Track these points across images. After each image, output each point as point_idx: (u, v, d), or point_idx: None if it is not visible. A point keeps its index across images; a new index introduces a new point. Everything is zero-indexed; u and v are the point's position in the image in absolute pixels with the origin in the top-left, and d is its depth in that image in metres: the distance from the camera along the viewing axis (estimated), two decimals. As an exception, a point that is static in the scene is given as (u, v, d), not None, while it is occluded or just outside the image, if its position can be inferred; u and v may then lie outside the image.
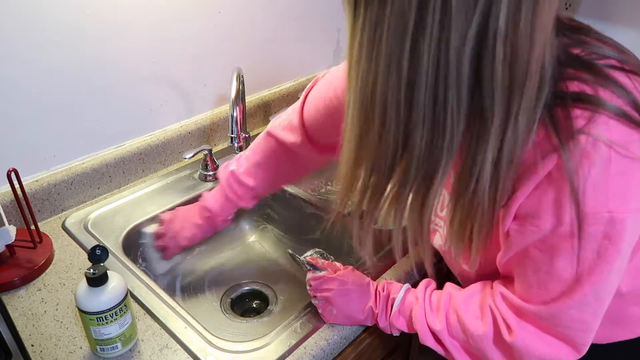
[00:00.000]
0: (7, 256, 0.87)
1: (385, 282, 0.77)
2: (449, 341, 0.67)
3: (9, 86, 0.88)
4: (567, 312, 0.58)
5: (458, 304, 0.68)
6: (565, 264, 0.56)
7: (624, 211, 0.52)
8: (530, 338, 0.61)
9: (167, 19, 1.04)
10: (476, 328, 0.64)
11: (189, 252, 1.10)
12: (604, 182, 0.52)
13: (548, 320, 0.60)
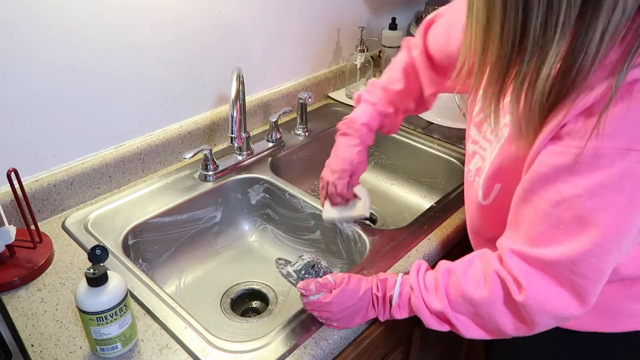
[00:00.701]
0: (7, 256, 0.87)
1: (378, 280, 0.75)
2: (454, 317, 0.67)
3: (9, 86, 0.88)
4: (588, 259, 0.56)
5: (457, 277, 0.67)
6: (593, 200, 0.54)
7: None
8: (541, 294, 0.60)
9: (167, 19, 1.04)
10: (480, 295, 0.64)
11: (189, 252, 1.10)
12: None
13: (564, 268, 0.58)
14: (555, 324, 0.63)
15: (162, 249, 1.06)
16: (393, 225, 1.24)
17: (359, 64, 1.43)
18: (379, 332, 0.88)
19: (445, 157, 1.26)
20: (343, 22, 1.46)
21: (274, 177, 1.15)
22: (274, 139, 1.25)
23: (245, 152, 1.19)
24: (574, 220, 0.56)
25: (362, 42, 1.40)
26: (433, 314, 0.69)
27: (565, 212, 0.57)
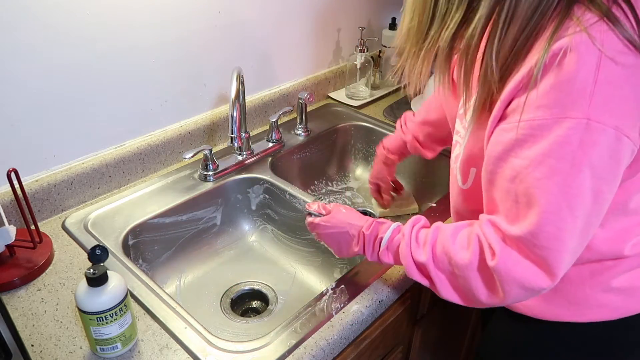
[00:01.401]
0: (7, 256, 0.87)
1: (374, 221, 0.79)
2: (435, 272, 0.70)
3: (9, 86, 0.88)
4: (544, 229, 0.58)
5: (445, 237, 0.70)
6: (539, 170, 0.57)
7: (604, 123, 0.54)
8: (510, 262, 0.62)
9: (167, 19, 1.04)
10: (462, 258, 0.66)
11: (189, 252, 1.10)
12: (589, 87, 0.53)
13: (528, 241, 0.60)
14: (525, 296, 0.64)
15: (162, 249, 1.06)
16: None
17: (359, 64, 1.43)
18: (379, 332, 0.88)
19: (445, 157, 1.27)
20: (343, 22, 1.46)
21: (274, 177, 1.15)
22: (274, 139, 1.25)
23: (245, 152, 1.19)
24: (526, 192, 0.59)
25: (362, 42, 1.40)
26: (416, 265, 0.72)
27: (519, 186, 0.59)
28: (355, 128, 1.39)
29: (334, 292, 0.84)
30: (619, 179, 0.58)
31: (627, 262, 0.68)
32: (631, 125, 0.54)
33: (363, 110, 1.45)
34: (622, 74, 0.53)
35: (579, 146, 0.54)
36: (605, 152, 0.55)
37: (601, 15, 0.54)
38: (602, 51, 0.53)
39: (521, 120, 0.57)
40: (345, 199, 1.34)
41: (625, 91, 0.54)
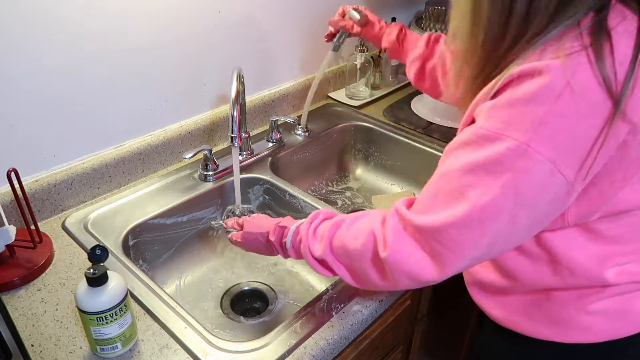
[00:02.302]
0: (7, 256, 0.87)
1: (277, 226, 0.82)
2: (335, 264, 0.73)
3: (9, 86, 0.88)
4: (448, 230, 0.59)
5: (343, 229, 0.72)
6: (467, 177, 0.57)
7: (542, 154, 0.52)
8: (401, 253, 0.63)
9: (167, 19, 1.04)
10: (354, 248, 0.69)
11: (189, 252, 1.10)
12: (541, 114, 0.52)
13: (427, 234, 0.61)
14: (413, 285, 0.66)
15: (162, 249, 1.06)
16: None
17: (359, 64, 1.43)
18: (379, 332, 0.88)
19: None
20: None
21: (274, 177, 1.15)
22: (274, 139, 1.25)
23: (245, 152, 1.19)
24: (448, 193, 0.59)
25: (362, 42, 1.40)
26: (315, 259, 0.75)
27: (444, 185, 0.60)
28: (355, 128, 1.39)
29: (334, 292, 0.84)
30: (540, 211, 0.57)
31: (614, 288, 0.66)
32: (572, 164, 0.53)
33: (363, 110, 1.45)
34: (581, 111, 0.51)
35: (510, 168, 0.54)
36: (535, 183, 0.54)
37: (584, 47, 0.52)
38: (569, 82, 0.51)
39: (474, 126, 0.57)
40: (345, 199, 1.34)
41: (580, 129, 0.52)
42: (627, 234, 0.64)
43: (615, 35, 0.52)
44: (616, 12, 0.53)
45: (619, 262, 0.65)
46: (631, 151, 0.54)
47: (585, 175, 0.55)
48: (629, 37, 0.53)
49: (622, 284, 0.66)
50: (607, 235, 0.63)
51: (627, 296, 0.67)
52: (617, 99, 0.51)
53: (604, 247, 0.64)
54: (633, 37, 0.53)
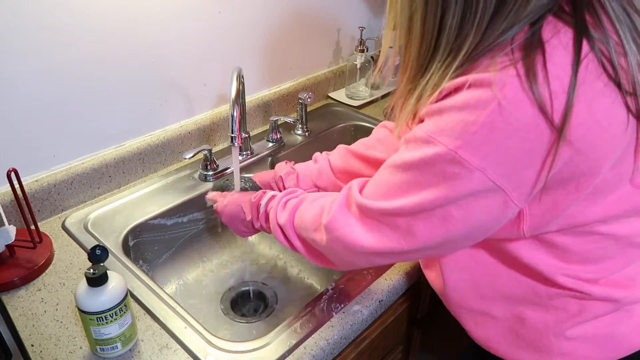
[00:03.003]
0: (7, 256, 0.87)
1: (261, 191, 0.85)
2: (292, 234, 0.75)
3: (8, 86, 0.88)
4: (382, 217, 0.62)
5: (305, 204, 0.75)
6: (405, 173, 0.59)
7: (470, 162, 0.53)
8: (340, 222, 0.65)
9: (167, 18, 1.04)
10: (308, 219, 0.72)
11: (189, 252, 1.10)
12: (471, 126, 0.52)
13: (364, 212, 0.64)
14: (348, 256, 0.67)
15: (162, 249, 1.06)
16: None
17: (359, 64, 1.43)
18: (379, 332, 0.88)
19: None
20: (343, 22, 1.46)
21: (274, 177, 1.15)
22: (273, 139, 1.25)
23: (245, 152, 1.19)
24: (389, 184, 0.61)
25: (362, 42, 1.40)
26: (279, 226, 0.77)
27: (388, 176, 0.62)
28: (355, 128, 1.39)
29: (334, 292, 0.84)
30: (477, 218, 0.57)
31: (592, 309, 0.66)
32: (504, 174, 0.53)
33: (363, 110, 1.45)
34: (510, 125, 0.51)
35: (441, 172, 0.55)
36: (464, 186, 0.54)
37: (514, 62, 0.51)
38: (497, 97, 0.50)
39: (419, 126, 0.58)
40: (345, 199, 1.34)
41: (510, 142, 0.51)
42: (596, 250, 0.62)
43: (549, 48, 0.52)
44: (550, 26, 0.53)
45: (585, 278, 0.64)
46: (580, 165, 0.53)
47: (530, 188, 0.54)
48: (563, 49, 0.52)
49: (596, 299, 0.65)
50: (574, 250, 0.62)
51: (606, 318, 0.66)
52: (560, 124, 0.50)
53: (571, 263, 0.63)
54: (569, 48, 0.52)
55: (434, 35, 0.57)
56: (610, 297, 0.65)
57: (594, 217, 0.59)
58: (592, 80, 0.52)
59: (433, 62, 0.58)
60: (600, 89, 0.52)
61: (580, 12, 0.53)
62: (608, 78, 0.52)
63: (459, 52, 0.55)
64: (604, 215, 0.59)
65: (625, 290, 0.66)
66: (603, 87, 0.52)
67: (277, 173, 1.00)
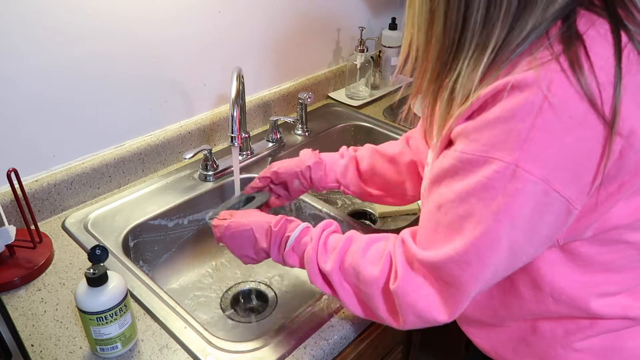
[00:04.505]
0: (7, 256, 0.87)
1: (284, 218, 0.76)
2: (339, 283, 0.67)
3: (8, 86, 0.88)
4: (448, 265, 0.56)
5: (357, 248, 0.67)
6: (462, 207, 0.54)
7: (532, 173, 0.49)
8: (411, 287, 0.60)
9: (167, 19, 1.04)
10: (370, 273, 0.64)
11: (189, 252, 1.10)
12: (524, 131, 0.49)
13: (432, 271, 0.59)
14: (421, 325, 0.62)
15: (162, 249, 1.06)
16: (393, 225, 1.25)
17: (359, 64, 1.43)
18: (379, 332, 0.88)
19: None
20: (343, 22, 1.46)
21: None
22: (273, 139, 1.25)
23: (245, 152, 1.19)
24: (447, 225, 0.56)
25: (362, 42, 1.40)
26: (321, 272, 0.69)
27: (442, 217, 0.57)
28: (355, 128, 1.39)
29: (334, 292, 0.84)
30: (541, 233, 0.54)
31: (604, 324, 0.64)
32: (567, 181, 0.50)
33: (363, 110, 1.45)
34: (565, 124, 0.48)
35: (502, 192, 0.51)
36: (528, 204, 0.51)
37: (556, 55, 0.49)
38: (546, 95, 0.48)
39: (456, 150, 0.54)
40: (345, 199, 1.34)
41: (567, 143, 0.49)
42: (619, 261, 0.60)
43: (588, 39, 0.50)
44: (584, 19, 0.51)
45: (607, 291, 0.62)
46: (629, 162, 0.52)
47: (588, 191, 0.52)
48: (603, 40, 0.50)
49: (613, 318, 0.63)
50: (597, 261, 0.60)
51: (617, 333, 0.64)
52: (610, 117, 0.48)
53: (592, 274, 0.61)
54: (608, 39, 0.50)
55: (458, 31, 0.53)
56: (626, 316, 0.63)
57: (625, 220, 0.57)
58: (635, 71, 0.50)
59: (458, 59, 0.55)
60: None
61: (612, 4, 0.52)
62: None
63: (486, 48, 0.52)
64: (634, 218, 0.57)
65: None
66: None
67: (304, 162, 0.91)
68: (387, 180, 0.90)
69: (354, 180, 0.92)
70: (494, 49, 0.52)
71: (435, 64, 0.57)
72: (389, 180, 0.90)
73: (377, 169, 0.90)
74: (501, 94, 0.50)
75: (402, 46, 0.63)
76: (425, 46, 0.58)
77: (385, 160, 0.90)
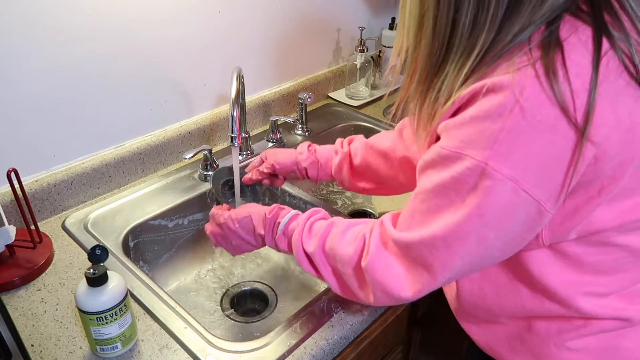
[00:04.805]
0: (7, 256, 0.87)
1: (277, 207, 0.80)
2: (322, 264, 0.72)
3: (9, 86, 0.88)
4: (418, 247, 0.59)
5: (337, 231, 0.71)
6: (439, 198, 0.57)
7: (502, 172, 0.51)
8: (379, 264, 0.64)
9: (167, 18, 1.04)
10: (345, 252, 0.68)
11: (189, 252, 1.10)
12: (496, 132, 0.50)
13: (402, 249, 0.62)
14: (387, 300, 0.66)
15: (163, 249, 1.06)
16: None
17: (359, 64, 1.43)
18: (379, 332, 0.88)
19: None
20: (343, 22, 1.46)
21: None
22: (273, 139, 1.25)
23: (245, 152, 1.19)
24: (423, 212, 0.59)
25: (362, 42, 1.40)
26: (305, 254, 0.74)
27: (420, 205, 0.60)
28: (355, 128, 1.39)
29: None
30: (512, 232, 0.55)
31: (597, 324, 0.64)
32: (536, 182, 0.51)
33: (363, 110, 1.45)
34: (535, 128, 0.49)
35: (472, 188, 0.53)
36: (497, 202, 0.52)
37: (532, 61, 0.50)
38: (518, 99, 0.49)
39: (438, 145, 0.56)
40: (345, 199, 1.34)
41: (537, 146, 0.50)
42: (608, 262, 0.61)
43: (567, 45, 0.50)
44: (568, 25, 0.52)
45: (597, 291, 0.63)
46: (605, 167, 0.52)
47: (559, 193, 0.53)
48: (582, 47, 0.50)
49: (605, 318, 0.64)
50: (586, 261, 0.61)
51: (611, 334, 0.65)
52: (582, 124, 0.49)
53: (582, 274, 0.62)
54: (588, 46, 0.50)
55: (447, 34, 0.55)
56: (619, 317, 0.64)
57: (610, 223, 0.57)
58: (613, 78, 0.50)
59: (446, 62, 0.56)
60: (622, 88, 0.50)
61: (598, 10, 0.52)
62: (630, 77, 0.51)
63: (472, 52, 0.54)
64: (620, 222, 0.57)
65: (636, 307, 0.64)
66: (625, 86, 0.51)
67: (300, 162, 0.97)
68: (379, 174, 0.93)
69: (347, 176, 0.96)
70: (479, 52, 0.54)
71: (425, 65, 0.59)
72: (382, 175, 0.93)
73: (370, 163, 0.93)
74: (478, 95, 0.52)
75: (394, 47, 0.65)
76: (414, 48, 0.60)
77: (378, 155, 0.92)
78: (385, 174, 0.92)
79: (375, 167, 0.92)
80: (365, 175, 0.95)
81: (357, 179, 0.96)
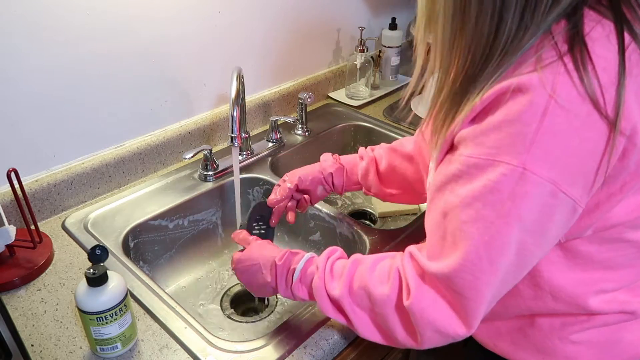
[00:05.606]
0: (7, 256, 0.87)
1: (288, 252, 0.74)
2: (350, 308, 0.66)
3: (9, 86, 0.88)
4: (461, 275, 0.55)
5: (364, 269, 0.66)
6: (466, 212, 0.53)
7: (540, 175, 0.49)
8: (425, 302, 0.59)
9: (167, 18, 1.04)
10: (381, 293, 0.62)
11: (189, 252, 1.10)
12: (530, 134, 0.49)
13: (444, 282, 0.57)
14: (441, 341, 0.61)
15: (163, 249, 1.06)
16: (393, 225, 1.25)
17: (359, 64, 1.43)
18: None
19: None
20: (343, 22, 1.46)
21: (274, 177, 1.15)
22: (273, 139, 1.25)
23: (245, 152, 1.19)
24: (453, 232, 0.55)
25: (362, 42, 1.40)
26: (331, 299, 0.68)
27: (448, 224, 0.56)
28: (355, 128, 1.39)
29: (334, 292, 0.84)
30: (549, 235, 0.54)
31: (599, 318, 0.64)
32: (573, 181, 0.50)
33: (363, 110, 1.45)
34: (571, 125, 0.48)
35: (509, 196, 0.50)
36: (536, 206, 0.51)
37: (560, 55, 0.49)
38: (552, 96, 0.48)
39: (461, 154, 0.54)
40: (345, 199, 1.34)
41: (572, 143, 0.49)
42: (618, 258, 0.61)
43: (590, 41, 0.50)
44: (588, 19, 0.51)
45: (605, 288, 0.62)
46: (630, 162, 0.52)
47: (590, 190, 0.52)
48: (605, 41, 0.50)
49: (610, 312, 0.63)
50: (596, 259, 0.60)
51: (614, 327, 0.65)
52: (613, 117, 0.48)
53: (591, 272, 0.61)
54: (611, 40, 0.50)
55: (489, 43, 0.52)
56: (624, 310, 0.64)
57: (625, 218, 0.57)
58: (637, 72, 0.50)
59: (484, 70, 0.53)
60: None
61: (617, 3, 0.52)
62: None
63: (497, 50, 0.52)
64: (635, 216, 0.57)
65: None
66: None
67: (325, 169, 0.92)
68: (406, 177, 0.90)
69: (375, 181, 0.92)
70: (502, 49, 0.52)
71: (462, 79, 0.55)
72: (408, 178, 0.90)
73: (397, 167, 0.90)
74: (504, 97, 0.50)
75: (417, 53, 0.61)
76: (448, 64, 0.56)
77: (403, 158, 0.90)
78: (412, 177, 0.89)
79: (402, 170, 0.89)
80: (392, 180, 0.92)
81: (385, 184, 0.92)
